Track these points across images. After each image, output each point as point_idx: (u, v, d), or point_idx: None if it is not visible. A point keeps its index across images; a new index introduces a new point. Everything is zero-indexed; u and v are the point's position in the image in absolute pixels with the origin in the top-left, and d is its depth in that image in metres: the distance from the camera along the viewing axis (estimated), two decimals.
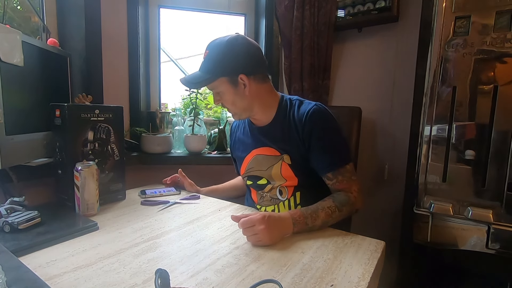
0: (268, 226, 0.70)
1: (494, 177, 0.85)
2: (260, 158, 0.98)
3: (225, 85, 0.89)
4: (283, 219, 0.75)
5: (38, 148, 0.90)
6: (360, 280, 0.56)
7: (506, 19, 0.82)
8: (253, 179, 1.01)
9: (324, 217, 0.80)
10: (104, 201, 0.94)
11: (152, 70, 1.55)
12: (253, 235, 0.70)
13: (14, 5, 1.24)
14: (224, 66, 0.87)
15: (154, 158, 1.36)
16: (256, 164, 0.99)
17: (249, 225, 0.71)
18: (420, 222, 0.97)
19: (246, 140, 1.03)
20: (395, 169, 1.41)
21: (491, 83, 0.85)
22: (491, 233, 0.87)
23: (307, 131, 0.89)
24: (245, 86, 0.89)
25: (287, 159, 0.92)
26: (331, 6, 1.41)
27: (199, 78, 0.89)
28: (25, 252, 0.62)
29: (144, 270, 0.58)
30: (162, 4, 1.54)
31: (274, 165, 0.94)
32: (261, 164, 0.97)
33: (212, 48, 0.89)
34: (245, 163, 1.02)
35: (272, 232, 0.71)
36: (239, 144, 1.07)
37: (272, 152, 0.95)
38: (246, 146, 1.03)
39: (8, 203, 0.76)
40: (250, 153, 1.01)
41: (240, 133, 1.07)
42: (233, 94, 0.90)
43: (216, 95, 0.93)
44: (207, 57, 0.89)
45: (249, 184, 1.03)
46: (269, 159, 0.95)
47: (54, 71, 1.02)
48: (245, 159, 1.02)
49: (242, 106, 0.92)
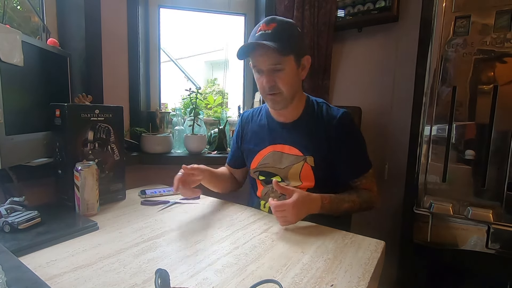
0: (298, 208, 0.77)
1: (494, 177, 0.85)
2: (278, 155, 0.95)
3: (291, 63, 0.85)
4: (313, 200, 0.82)
5: (38, 148, 0.90)
6: (360, 280, 0.56)
7: (506, 19, 0.82)
8: (266, 175, 0.98)
9: (347, 208, 0.87)
10: (104, 201, 0.94)
11: (152, 70, 1.55)
12: (282, 217, 0.77)
13: (14, 5, 1.24)
14: (295, 44, 0.85)
15: (154, 158, 1.36)
16: (272, 160, 0.96)
17: (281, 209, 0.76)
18: (420, 222, 0.97)
19: (262, 134, 0.99)
20: (395, 169, 1.41)
21: (491, 83, 0.85)
22: (491, 233, 0.87)
23: (338, 134, 0.89)
24: (303, 70, 0.89)
25: (311, 160, 0.91)
26: (331, 6, 1.41)
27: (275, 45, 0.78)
28: (25, 252, 0.62)
29: (144, 270, 0.58)
30: (162, 4, 1.54)
31: (294, 165, 0.92)
32: (279, 161, 0.94)
33: (281, 23, 0.83)
34: (258, 158, 0.99)
35: (299, 213, 0.78)
36: (253, 137, 1.02)
37: (294, 151, 0.93)
38: (261, 140, 0.99)
39: (8, 203, 0.76)
40: (266, 148, 0.97)
41: (255, 125, 1.03)
42: (294, 75, 0.87)
43: (275, 72, 0.85)
44: (278, 30, 0.82)
45: (261, 179, 1.00)
46: (289, 158, 0.93)
47: (54, 71, 1.02)
48: (258, 153, 0.99)
49: (295, 90, 0.89)
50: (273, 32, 0.82)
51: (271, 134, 0.97)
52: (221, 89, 2.01)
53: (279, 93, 0.87)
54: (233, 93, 1.90)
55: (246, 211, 0.94)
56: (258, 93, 1.61)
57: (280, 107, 0.91)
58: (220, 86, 2.11)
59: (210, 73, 2.97)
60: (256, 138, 1.01)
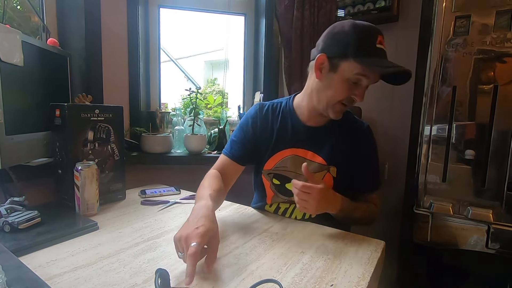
0: (321, 198, 0.73)
1: (494, 177, 0.85)
2: (299, 160, 0.89)
3: None
4: (336, 198, 0.79)
5: (38, 148, 0.90)
6: (360, 280, 0.56)
7: (506, 19, 0.82)
8: (281, 180, 0.92)
9: (358, 216, 0.86)
10: (104, 201, 0.94)
11: (152, 70, 1.55)
12: (304, 200, 0.72)
13: (14, 5, 1.24)
14: None
15: (154, 158, 1.36)
16: (292, 165, 0.90)
17: (307, 191, 0.72)
18: (420, 222, 0.97)
19: (284, 134, 0.91)
20: (395, 169, 1.41)
21: (491, 83, 0.85)
22: (491, 233, 0.87)
23: (363, 149, 0.90)
24: None
25: (333, 171, 0.88)
26: (331, 6, 1.41)
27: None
28: (25, 252, 0.62)
29: (144, 269, 0.58)
30: (162, 4, 1.54)
31: (316, 173, 0.88)
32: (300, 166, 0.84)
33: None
34: (276, 159, 0.91)
35: (321, 204, 0.74)
36: (272, 133, 0.92)
37: (317, 159, 0.88)
38: (281, 139, 0.91)
39: (8, 203, 0.76)
40: (285, 150, 0.91)
41: (275, 122, 0.93)
42: None
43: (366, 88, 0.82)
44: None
45: (275, 183, 0.93)
46: (312, 165, 0.88)
47: (54, 71, 1.02)
48: (276, 154, 0.91)
49: None
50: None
51: (294, 136, 0.91)
52: (221, 89, 2.01)
53: (349, 106, 0.84)
54: (233, 93, 1.90)
55: (246, 211, 0.94)
56: (258, 93, 1.61)
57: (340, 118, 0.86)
58: (220, 86, 2.11)
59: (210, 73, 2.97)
60: (276, 136, 0.91)
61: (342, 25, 0.78)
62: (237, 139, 0.95)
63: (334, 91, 0.80)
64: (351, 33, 0.76)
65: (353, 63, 0.75)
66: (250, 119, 0.95)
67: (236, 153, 0.93)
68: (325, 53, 0.79)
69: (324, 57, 0.79)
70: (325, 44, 0.81)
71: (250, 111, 0.98)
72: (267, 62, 1.57)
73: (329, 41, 0.80)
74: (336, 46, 0.78)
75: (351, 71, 0.76)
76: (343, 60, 0.77)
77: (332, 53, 0.79)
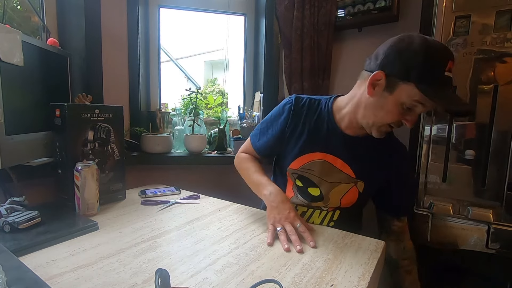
0: None
1: (494, 177, 0.85)
2: (328, 166, 0.86)
3: None
4: None
5: (38, 148, 0.90)
6: (360, 280, 0.56)
7: (506, 19, 0.82)
8: (305, 182, 0.89)
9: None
10: (104, 201, 0.94)
11: (152, 70, 1.55)
12: None
13: (14, 5, 1.24)
14: None
15: (154, 158, 1.36)
16: (321, 169, 0.87)
17: None
18: (420, 222, 0.97)
19: (317, 136, 0.87)
20: None
21: (491, 83, 0.85)
22: (491, 233, 0.87)
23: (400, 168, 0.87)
24: None
25: (361, 186, 0.86)
26: (331, 6, 1.41)
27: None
28: (25, 252, 0.62)
29: (144, 270, 0.58)
30: (162, 4, 1.54)
31: (342, 184, 0.86)
32: (327, 173, 0.86)
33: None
34: (304, 159, 0.88)
35: None
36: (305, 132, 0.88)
37: (347, 170, 0.85)
38: (313, 140, 0.87)
39: (8, 203, 0.76)
40: (316, 153, 0.87)
41: (311, 120, 0.88)
42: None
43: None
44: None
45: (298, 185, 0.90)
46: (340, 175, 0.86)
47: (54, 71, 1.02)
48: (305, 156, 0.88)
49: None
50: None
51: (328, 140, 0.86)
52: (221, 89, 2.01)
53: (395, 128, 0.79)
54: (233, 93, 1.90)
55: (246, 211, 0.94)
56: (258, 93, 1.61)
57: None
58: (220, 86, 2.12)
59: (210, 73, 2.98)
60: (309, 136, 0.87)
61: (410, 40, 0.68)
62: (265, 130, 0.94)
63: (385, 113, 0.74)
64: (420, 53, 0.66)
65: (414, 88, 0.67)
66: (283, 113, 0.91)
67: (262, 146, 0.96)
68: (383, 71, 0.71)
69: (382, 75, 0.71)
70: (387, 60, 0.71)
71: (285, 102, 0.93)
72: (267, 62, 1.57)
73: (392, 57, 0.70)
74: (399, 65, 0.69)
75: (410, 97, 0.68)
76: (404, 82, 0.68)
77: (392, 72, 0.70)
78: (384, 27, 1.40)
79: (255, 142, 0.96)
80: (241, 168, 0.97)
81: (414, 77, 0.67)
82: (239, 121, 1.55)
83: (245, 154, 0.99)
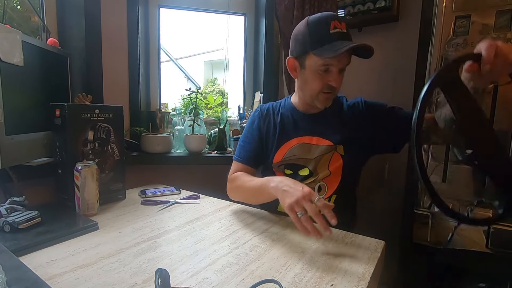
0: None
1: None
2: (306, 146, 0.94)
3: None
4: None
5: (38, 148, 0.90)
6: (360, 280, 0.56)
7: (506, 19, 0.82)
8: (293, 168, 0.95)
9: None
10: (104, 201, 0.94)
11: (152, 70, 1.55)
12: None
13: (14, 5, 1.24)
14: None
15: (154, 158, 1.36)
16: (301, 151, 0.94)
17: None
18: (420, 222, 0.97)
19: (287, 126, 0.97)
20: (395, 169, 1.41)
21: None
22: (491, 233, 0.87)
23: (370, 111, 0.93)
24: None
25: (340, 149, 0.92)
26: (331, 6, 1.41)
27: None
28: (25, 251, 0.63)
29: (144, 269, 0.58)
30: (162, 4, 1.54)
31: (324, 154, 0.92)
32: (309, 152, 0.93)
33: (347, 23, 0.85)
34: (283, 151, 0.96)
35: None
36: (276, 130, 0.98)
37: (323, 142, 0.93)
38: (285, 132, 0.97)
39: (8, 203, 0.76)
40: (291, 141, 0.95)
41: (277, 118, 0.99)
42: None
43: (341, 72, 0.87)
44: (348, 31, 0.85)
45: (288, 174, 0.96)
46: (319, 148, 0.93)
47: (54, 71, 1.02)
48: (283, 146, 0.96)
49: None
50: (348, 32, 0.84)
51: (296, 126, 0.97)
52: (221, 89, 2.01)
53: (333, 92, 0.89)
54: (233, 93, 1.90)
55: (246, 211, 0.94)
56: (258, 93, 1.61)
57: (330, 104, 0.92)
58: (220, 86, 2.12)
59: (210, 73, 2.98)
60: (280, 131, 0.97)
61: (299, 25, 0.87)
62: (244, 143, 1.03)
63: (311, 84, 0.88)
64: (305, 29, 0.84)
65: (313, 56, 0.83)
66: (254, 121, 1.03)
67: (246, 156, 1.00)
68: (292, 55, 0.90)
69: (292, 59, 0.90)
70: (291, 47, 0.91)
71: (253, 114, 1.06)
72: (267, 62, 1.57)
73: (293, 43, 0.90)
74: (298, 46, 0.87)
75: (316, 63, 0.84)
76: (306, 56, 0.85)
77: (297, 53, 0.88)
78: (384, 27, 1.40)
79: (240, 157, 1.01)
80: (235, 187, 0.95)
81: (309, 48, 0.83)
82: (239, 121, 1.55)
83: (234, 174, 0.98)
